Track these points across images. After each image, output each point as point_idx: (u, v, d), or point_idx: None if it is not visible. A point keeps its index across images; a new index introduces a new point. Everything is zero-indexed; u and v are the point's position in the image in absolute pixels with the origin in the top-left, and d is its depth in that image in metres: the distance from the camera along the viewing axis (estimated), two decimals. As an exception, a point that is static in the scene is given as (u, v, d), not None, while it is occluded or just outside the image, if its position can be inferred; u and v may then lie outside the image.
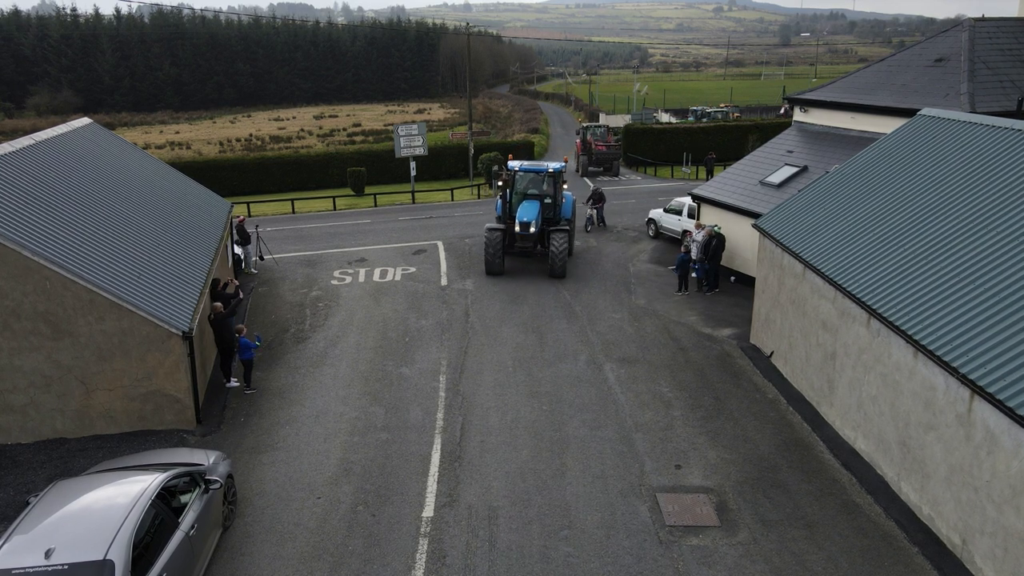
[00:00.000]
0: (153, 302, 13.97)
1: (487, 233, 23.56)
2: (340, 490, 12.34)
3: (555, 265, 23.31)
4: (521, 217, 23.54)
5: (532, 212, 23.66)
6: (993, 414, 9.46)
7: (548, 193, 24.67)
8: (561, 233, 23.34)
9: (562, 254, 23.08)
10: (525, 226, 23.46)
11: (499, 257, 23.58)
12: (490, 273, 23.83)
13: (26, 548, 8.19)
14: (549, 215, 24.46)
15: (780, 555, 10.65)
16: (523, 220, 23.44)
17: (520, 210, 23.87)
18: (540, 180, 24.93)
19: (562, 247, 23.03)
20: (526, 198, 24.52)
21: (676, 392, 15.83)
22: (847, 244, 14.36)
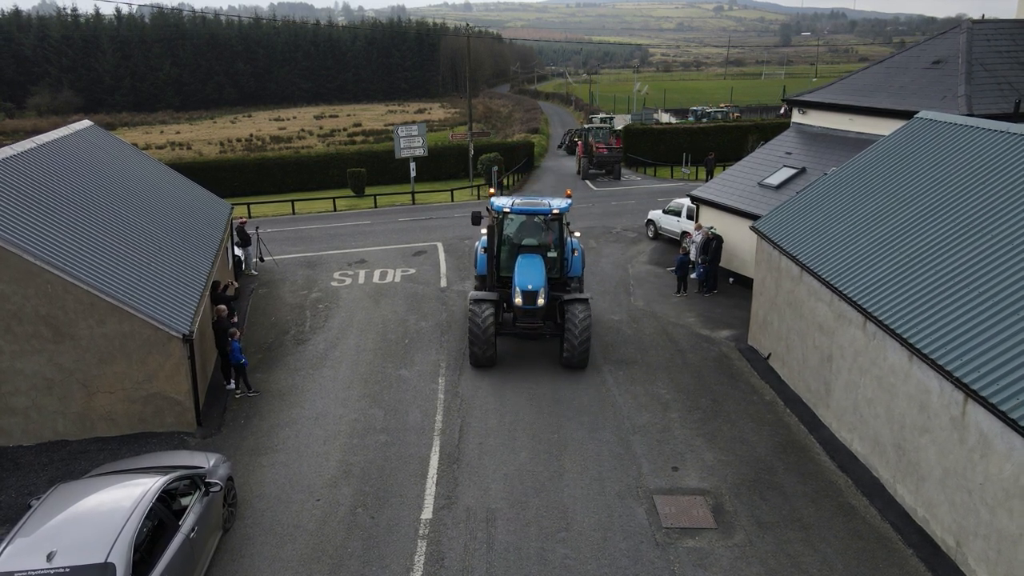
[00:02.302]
0: (154, 305, 14.05)
1: (472, 306, 16.76)
2: (339, 492, 12.43)
3: (574, 352, 16.65)
4: (523, 283, 16.73)
5: (536, 275, 16.92)
6: (986, 418, 9.54)
7: (551, 243, 18.21)
8: (580, 304, 16.73)
9: (584, 335, 16.52)
10: (530, 297, 16.67)
11: (491, 343, 16.76)
12: (478, 365, 17.12)
13: (28, 551, 8.28)
14: (554, 274, 17.97)
15: (776, 557, 10.73)
16: (527, 288, 16.64)
17: (519, 271, 17.07)
18: (540, 225, 18.35)
19: (584, 325, 16.52)
20: (521, 250, 17.94)
21: (674, 394, 15.91)
22: (844, 247, 14.43)
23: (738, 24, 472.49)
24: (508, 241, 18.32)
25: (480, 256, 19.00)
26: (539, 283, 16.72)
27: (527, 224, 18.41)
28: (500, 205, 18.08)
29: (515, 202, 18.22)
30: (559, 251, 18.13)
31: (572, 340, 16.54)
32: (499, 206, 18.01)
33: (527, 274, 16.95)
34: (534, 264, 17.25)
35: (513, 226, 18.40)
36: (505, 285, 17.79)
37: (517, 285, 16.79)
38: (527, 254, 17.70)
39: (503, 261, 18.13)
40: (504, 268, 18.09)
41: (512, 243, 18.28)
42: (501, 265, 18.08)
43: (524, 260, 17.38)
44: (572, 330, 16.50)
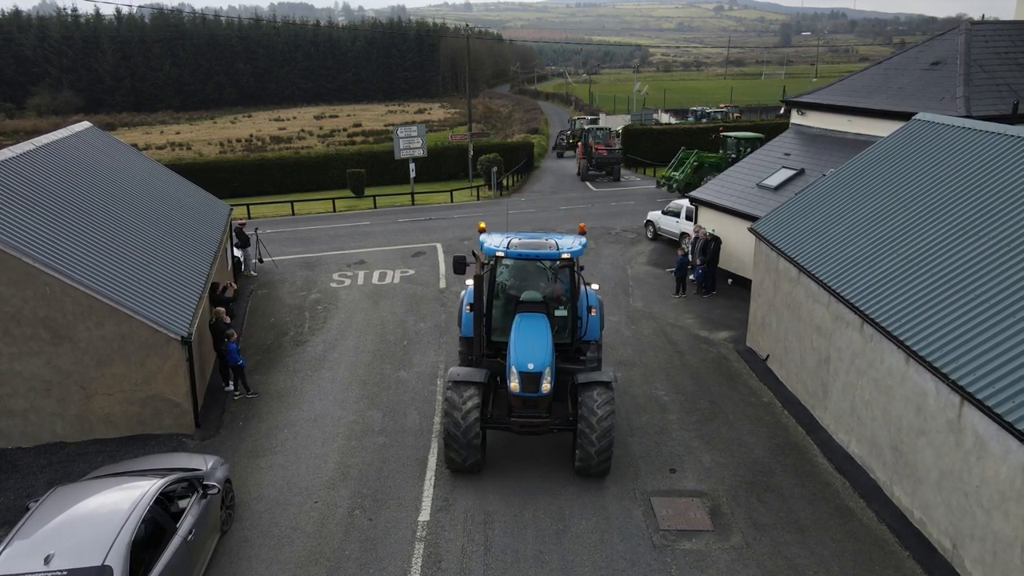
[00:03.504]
0: (152, 307, 14.08)
1: (449, 392, 12.44)
2: (337, 494, 12.45)
3: (590, 460, 12.32)
4: (521, 361, 12.30)
5: (539, 347, 12.50)
6: (982, 420, 9.55)
7: (560, 298, 14.14)
8: (600, 389, 12.41)
9: (605, 438, 12.15)
10: (530, 381, 12.28)
11: (474, 447, 12.40)
12: (457, 470, 12.78)
13: (26, 554, 8.30)
14: (563, 339, 13.91)
15: (772, 559, 10.75)
16: (526, 369, 12.24)
17: (516, 341, 12.67)
18: (545, 274, 14.38)
19: (605, 424, 12.13)
20: (520, 307, 13.50)
21: (672, 395, 15.93)
22: (841, 248, 14.45)
23: (738, 24, 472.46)
24: (503, 293, 14.21)
25: (463, 311, 14.75)
26: (543, 361, 12.25)
27: (528, 272, 14.38)
28: (492, 247, 13.43)
29: (512, 242, 13.69)
30: (570, 308, 13.90)
31: (588, 443, 12.10)
32: (491, 248, 13.41)
33: (527, 346, 12.49)
34: (537, 329, 12.83)
35: (509, 273, 14.45)
36: (498, 352, 13.62)
37: (513, 364, 12.31)
38: (528, 314, 13.26)
39: (496, 320, 13.94)
40: (497, 330, 13.91)
41: (508, 296, 14.16)
42: (493, 326, 13.91)
43: (524, 323, 13.01)
44: (588, 429, 12.11)
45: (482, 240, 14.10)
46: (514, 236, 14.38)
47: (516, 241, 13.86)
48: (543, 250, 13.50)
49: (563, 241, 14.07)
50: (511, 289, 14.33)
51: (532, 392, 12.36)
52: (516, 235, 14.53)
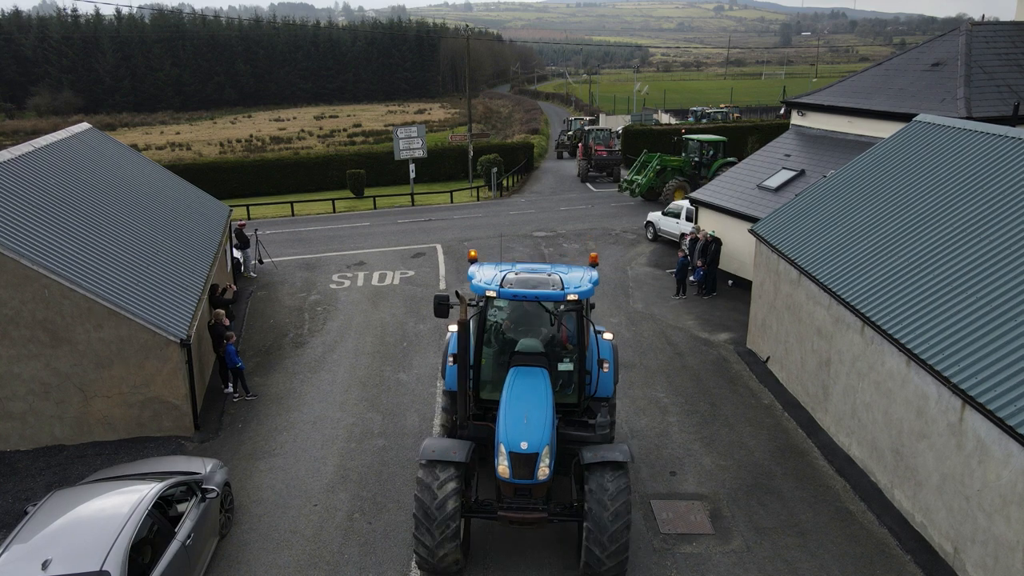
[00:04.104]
0: (151, 310, 14.04)
1: (422, 473, 10.07)
2: (337, 497, 12.42)
3: (600, 563, 9.80)
4: (512, 438, 9.94)
5: (537, 421, 10.13)
6: (984, 424, 9.52)
7: (564, 348, 11.96)
8: (612, 474, 9.99)
9: (618, 538, 9.74)
10: (524, 463, 9.95)
11: (451, 540, 9.90)
12: (429, 570, 10.25)
13: (24, 558, 8.27)
14: (568, 399, 11.63)
15: (773, 563, 10.71)
16: (518, 448, 9.87)
17: (507, 410, 10.30)
18: (546, 316, 12.00)
19: (620, 510, 9.78)
20: (515, 360, 11.28)
21: (672, 397, 15.90)
22: (842, 250, 14.42)
23: (738, 24, 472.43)
24: (495, 339, 12.08)
25: (447, 363, 12.26)
26: (540, 438, 9.84)
27: (526, 314, 12.17)
28: (483, 285, 11.17)
29: (507, 277, 11.51)
30: (578, 361, 11.51)
31: (597, 543, 9.68)
32: (480, 286, 11.16)
33: (521, 416, 10.07)
34: (534, 392, 10.49)
35: (503, 314, 12.34)
36: (488, 411, 11.37)
37: (502, 441, 9.87)
38: (524, 368, 10.99)
39: (486, 372, 11.70)
40: (488, 384, 11.69)
41: (501, 343, 12.00)
42: (483, 378, 11.67)
43: (518, 383, 10.68)
44: (597, 528, 9.66)
45: (471, 274, 11.85)
46: (510, 268, 12.15)
47: (512, 276, 11.58)
48: (544, 289, 11.13)
49: (569, 276, 11.83)
50: (506, 333, 12.13)
51: (526, 479, 9.88)
52: (513, 267, 12.29)
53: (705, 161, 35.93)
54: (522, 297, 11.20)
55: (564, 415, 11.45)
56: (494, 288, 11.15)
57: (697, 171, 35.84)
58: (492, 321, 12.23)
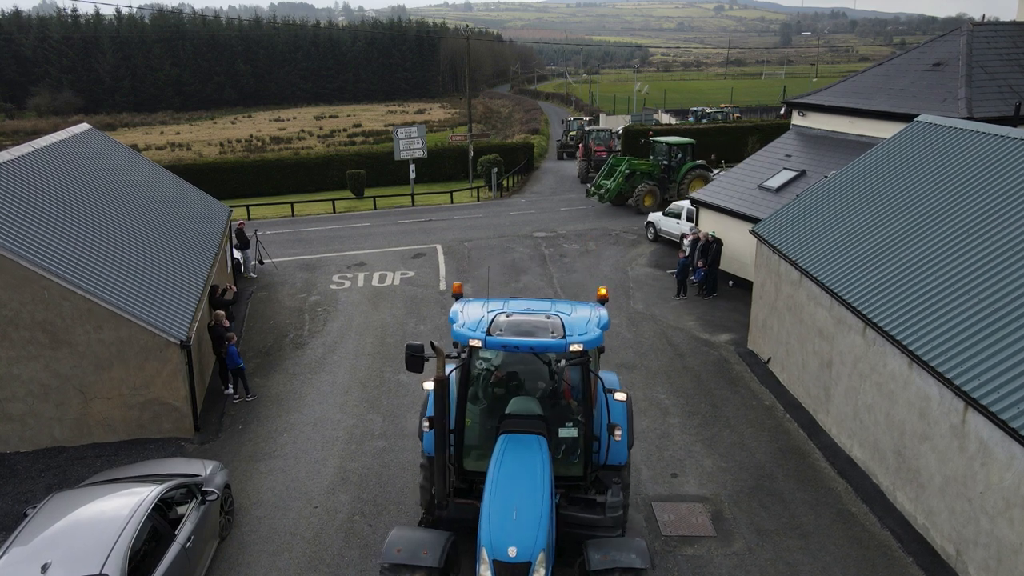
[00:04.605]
0: (151, 311, 14.01)
1: None
2: (337, 499, 12.38)
3: None
4: (497, 542, 8.01)
5: (529, 516, 8.25)
6: (987, 426, 9.48)
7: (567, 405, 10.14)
8: None
9: None
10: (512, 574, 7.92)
11: None
12: None
13: (23, 562, 8.23)
14: (572, 471, 9.79)
15: (775, 565, 10.68)
16: (505, 556, 7.93)
17: (493, 498, 8.43)
18: (544, 368, 10.25)
19: None
20: (506, 424, 9.50)
21: (673, 399, 15.86)
22: (844, 251, 14.38)
23: (738, 24, 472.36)
24: (483, 392, 10.25)
25: (424, 429, 10.10)
26: (533, 542, 7.99)
27: (519, 364, 10.28)
28: (465, 331, 9.34)
29: (497, 319, 9.56)
30: (584, 425, 9.54)
31: None
32: (463, 332, 9.33)
33: (510, 509, 8.22)
34: (527, 472, 8.62)
35: (493, 363, 10.36)
36: (475, 484, 9.55)
37: (484, 544, 8.04)
38: (516, 436, 9.16)
39: (471, 438, 9.86)
40: (472, 453, 9.85)
41: (491, 398, 10.19)
42: (468, 443, 9.81)
43: (509, 457, 8.83)
44: None
45: (453, 315, 10.00)
46: (501, 307, 10.17)
47: (502, 319, 9.53)
48: (541, 337, 9.15)
49: (573, 317, 9.85)
50: (495, 387, 10.20)
51: None
52: (505, 304, 10.37)
53: (674, 164, 34.82)
54: (513, 348, 9.17)
55: (566, 490, 9.48)
56: (479, 336, 9.17)
57: (667, 175, 34.77)
58: (479, 371, 10.19)
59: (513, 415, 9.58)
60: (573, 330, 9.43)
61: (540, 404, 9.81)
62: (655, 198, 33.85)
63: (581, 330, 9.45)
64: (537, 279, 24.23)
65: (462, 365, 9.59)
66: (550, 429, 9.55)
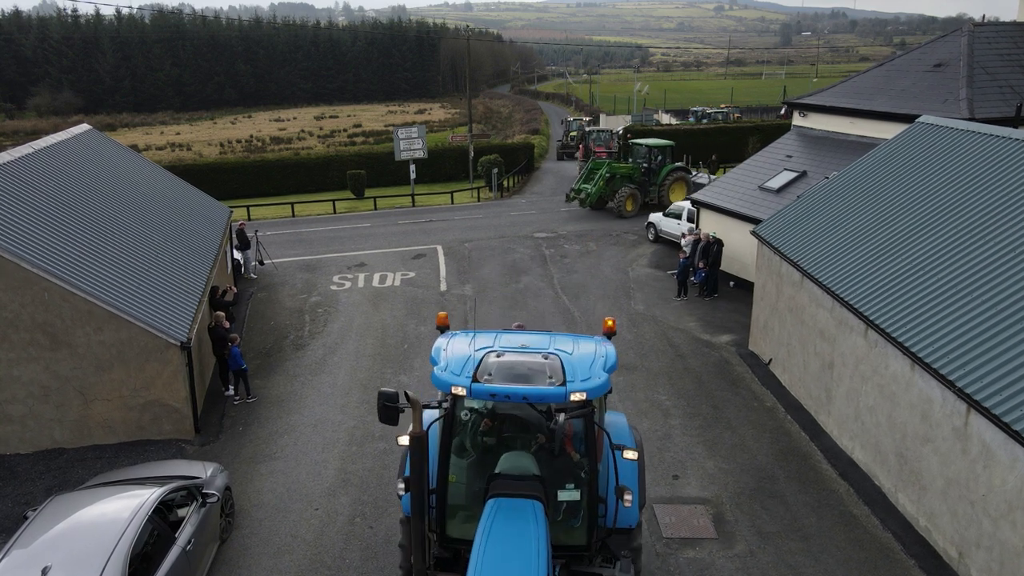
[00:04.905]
0: (151, 312, 13.98)
1: None
2: (338, 501, 12.36)
3: None
4: None
5: None
6: (989, 428, 9.46)
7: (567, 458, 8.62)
8: None
9: None
10: None
11: None
12: None
13: (23, 565, 8.20)
14: (575, 539, 8.45)
15: (776, 567, 10.65)
16: None
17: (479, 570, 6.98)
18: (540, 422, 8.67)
19: None
20: (495, 487, 8.01)
21: (674, 400, 15.84)
22: (845, 252, 14.36)
23: (738, 24, 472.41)
24: (470, 442, 8.87)
25: (402, 491, 8.51)
26: None
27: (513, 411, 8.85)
28: (447, 377, 8.00)
29: (485, 359, 8.28)
30: (588, 485, 8.31)
31: None
32: (445, 378, 7.98)
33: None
34: (519, 549, 7.30)
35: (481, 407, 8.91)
36: (458, 555, 8.40)
37: None
38: (507, 500, 7.84)
39: (456, 496, 8.55)
40: (457, 515, 8.54)
41: (480, 450, 8.87)
42: (452, 503, 8.49)
43: (498, 528, 7.53)
44: None
45: (435, 355, 8.58)
46: (492, 342, 8.84)
47: (492, 359, 8.25)
48: (537, 383, 7.88)
49: (575, 356, 8.52)
50: (484, 436, 8.91)
51: None
52: (496, 337, 9.06)
53: (654, 167, 34.19)
54: (504, 397, 7.82)
55: (567, 560, 8.26)
56: (463, 383, 7.84)
57: (647, 177, 34.15)
58: (467, 419, 8.85)
59: (504, 475, 8.10)
60: (575, 374, 8.08)
61: (536, 460, 8.32)
62: (636, 202, 33.22)
63: (584, 374, 8.11)
64: (538, 280, 24.21)
65: (445, 415, 8.25)
66: (548, 491, 8.08)
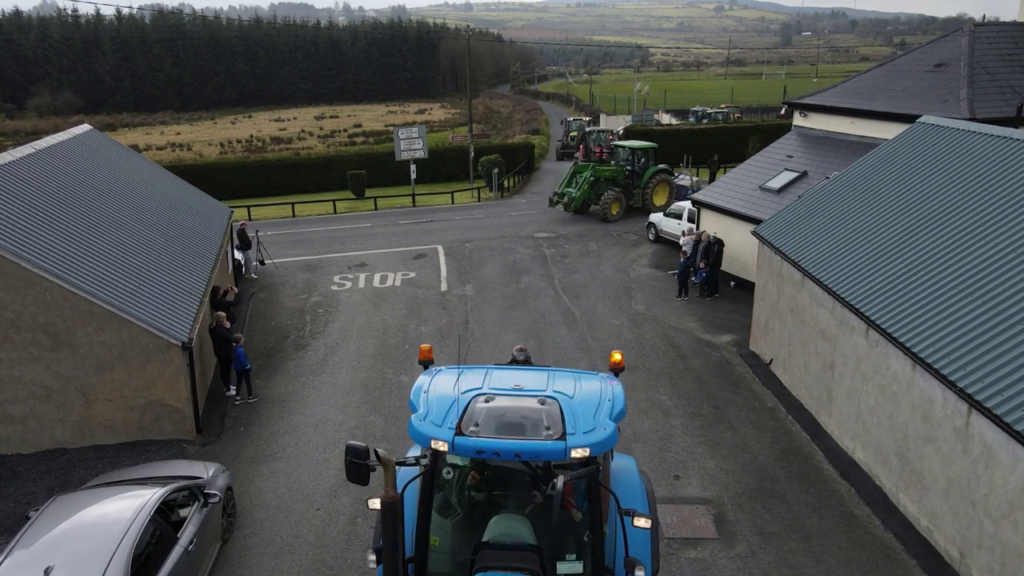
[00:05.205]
0: (153, 313, 13.99)
1: None
2: (339, 501, 12.36)
3: None
4: None
5: None
6: (991, 429, 9.46)
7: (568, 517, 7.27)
8: None
9: None
10: None
11: None
12: None
13: (25, 565, 8.21)
14: None
15: (778, 568, 10.66)
16: None
17: None
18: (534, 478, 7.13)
19: None
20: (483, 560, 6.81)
21: (675, 400, 15.84)
22: (846, 253, 14.36)
23: (738, 24, 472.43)
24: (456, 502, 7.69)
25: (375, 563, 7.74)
26: None
27: (503, 472, 7.62)
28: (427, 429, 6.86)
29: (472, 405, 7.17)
30: (591, 555, 7.15)
31: None
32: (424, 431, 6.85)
33: None
34: None
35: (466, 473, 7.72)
36: None
37: None
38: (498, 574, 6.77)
39: (438, 568, 7.34)
40: None
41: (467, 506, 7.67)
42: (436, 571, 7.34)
43: None
44: None
45: (414, 397, 7.49)
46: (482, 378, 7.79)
47: (481, 404, 7.13)
48: (531, 436, 6.71)
49: (577, 399, 7.36)
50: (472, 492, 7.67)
51: None
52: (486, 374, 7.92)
53: (638, 169, 33.69)
54: (492, 454, 6.60)
55: None
56: (445, 436, 6.67)
57: (631, 180, 33.51)
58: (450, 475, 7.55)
59: (494, 544, 6.90)
60: (576, 423, 6.84)
61: (531, 524, 7.07)
62: (621, 205, 32.80)
63: (587, 423, 6.86)
64: (538, 280, 24.22)
65: (425, 472, 6.99)
66: (544, 564, 6.86)
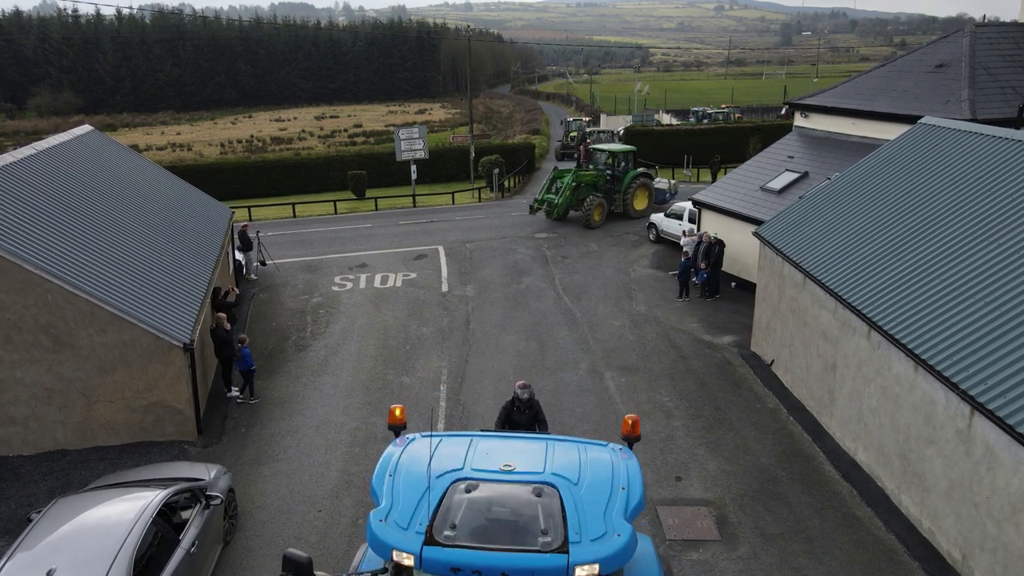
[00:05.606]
0: (154, 314, 13.99)
1: None
2: (341, 503, 12.36)
3: None
4: None
5: None
6: (993, 431, 9.46)
7: None
8: None
9: None
10: None
11: None
12: None
13: (28, 568, 8.20)
14: None
15: (780, 569, 10.65)
16: None
17: None
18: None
19: None
20: None
21: (676, 401, 15.84)
22: (848, 254, 14.35)
23: (738, 24, 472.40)
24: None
25: None
26: None
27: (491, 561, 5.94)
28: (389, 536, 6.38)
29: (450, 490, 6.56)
30: None
31: None
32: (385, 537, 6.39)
33: None
34: None
35: None
36: None
37: None
38: None
39: None
40: None
41: None
42: None
43: None
44: None
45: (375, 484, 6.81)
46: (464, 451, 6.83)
47: (461, 493, 6.31)
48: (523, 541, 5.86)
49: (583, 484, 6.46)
50: None
51: None
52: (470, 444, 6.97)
53: (618, 174, 33.27)
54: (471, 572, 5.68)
55: None
56: (411, 548, 5.84)
57: (612, 185, 33.00)
58: None
59: None
60: (583, 525, 5.62)
61: None
62: (603, 211, 32.32)
63: (596, 524, 5.62)
64: (539, 280, 24.21)
65: None
66: None
